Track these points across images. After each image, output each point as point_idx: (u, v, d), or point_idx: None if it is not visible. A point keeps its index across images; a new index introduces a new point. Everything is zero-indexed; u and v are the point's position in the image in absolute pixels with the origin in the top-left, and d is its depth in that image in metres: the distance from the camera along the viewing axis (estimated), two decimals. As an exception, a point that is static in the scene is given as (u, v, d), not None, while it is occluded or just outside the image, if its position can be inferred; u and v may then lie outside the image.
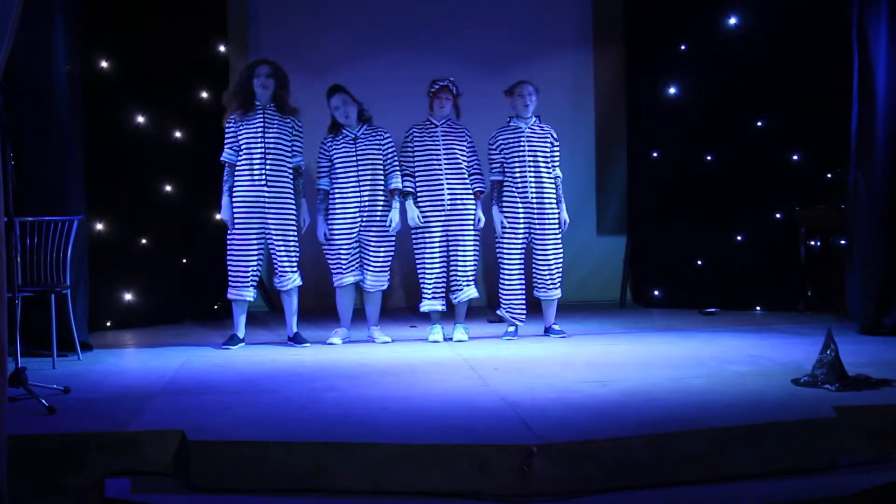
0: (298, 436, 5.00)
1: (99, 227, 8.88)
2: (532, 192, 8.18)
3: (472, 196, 8.27)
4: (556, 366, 6.87)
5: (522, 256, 8.31)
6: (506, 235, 8.23)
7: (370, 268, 8.15)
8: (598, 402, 5.60)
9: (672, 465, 4.85)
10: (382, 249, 8.15)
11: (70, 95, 7.82)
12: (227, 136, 8.00)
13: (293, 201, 7.99)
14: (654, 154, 10.36)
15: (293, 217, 7.99)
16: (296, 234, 8.02)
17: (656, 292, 10.40)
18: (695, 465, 4.88)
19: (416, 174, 8.24)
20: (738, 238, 9.95)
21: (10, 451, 4.40)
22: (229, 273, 7.95)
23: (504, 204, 8.23)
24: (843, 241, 8.95)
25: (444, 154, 8.22)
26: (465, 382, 6.34)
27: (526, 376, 6.46)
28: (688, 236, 10.08)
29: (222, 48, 9.98)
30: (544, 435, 4.90)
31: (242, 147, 7.89)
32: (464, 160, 8.27)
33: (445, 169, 8.21)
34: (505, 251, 8.27)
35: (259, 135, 7.88)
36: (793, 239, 9.56)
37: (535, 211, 8.21)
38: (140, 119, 9.28)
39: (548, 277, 8.27)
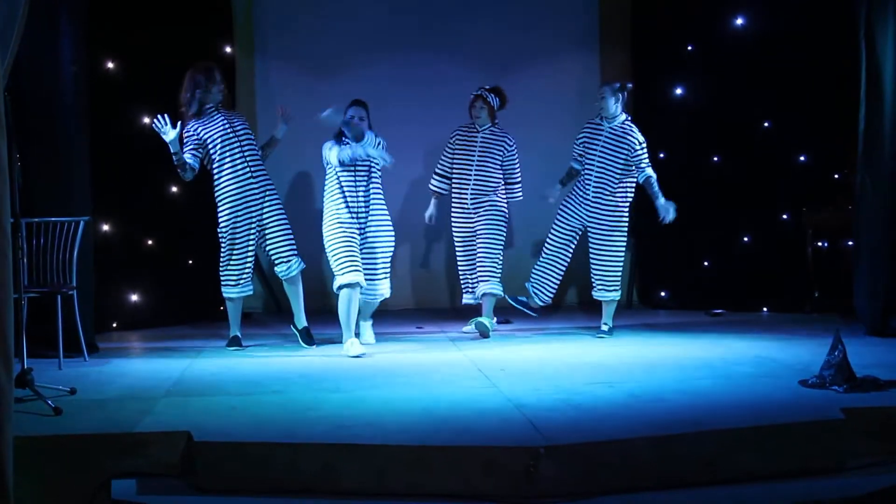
0: (305, 437, 5.00)
1: (105, 228, 8.89)
2: (592, 192, 8.24)
3: (498, 200, 8.44)
4: (562, 367, 6.87)
5: (567, 246, 8.40)
6: (559, 222, 8.38)
7: (373, 275, 8.00)
8: (604, 404, 5.60)
9: (679, 467, 4.84)
10: (380, 257, 8.00)
11: (76, 97, 7.83)
12: (188, 140, 7.93)
13: (276, 189, 8.06)
14: (661, 155, 10.31)
15: (282, 204, 8.04)
16: (287, 219, 8.01)
17: (663, 293, 10.38)
18: (702, 467, 4.87)
19: (453, 175, 8.54)
20: (745, 239, 9.93)
21: (15, 452, 4.39)
22: (229, 272, 7.92)
23: (570, 194, 8.39)
24: (850, 243, 8.93)
25: (478, 159, 8.43)
26: (472, 383, 6.33)
27: (533, 377, 6.46)
28: (694, 238, 10.06)
29: (228, 49, 9.98)
30: (551, 436, 4.89)
31: (219, 149, 7.87)
32: (497, 167, 8.45)
33: (475, 173, 8.41)
34: (553, 236, 8.42)
35: (230, 133, 7.89)
36: (800, 240, 9.54)
37: (592, 209, 8.25)
38: (146, 120, 9.26)
39: (599, 278, 8.35)
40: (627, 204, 8.31)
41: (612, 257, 8.29)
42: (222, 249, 7.94)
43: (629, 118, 8.33)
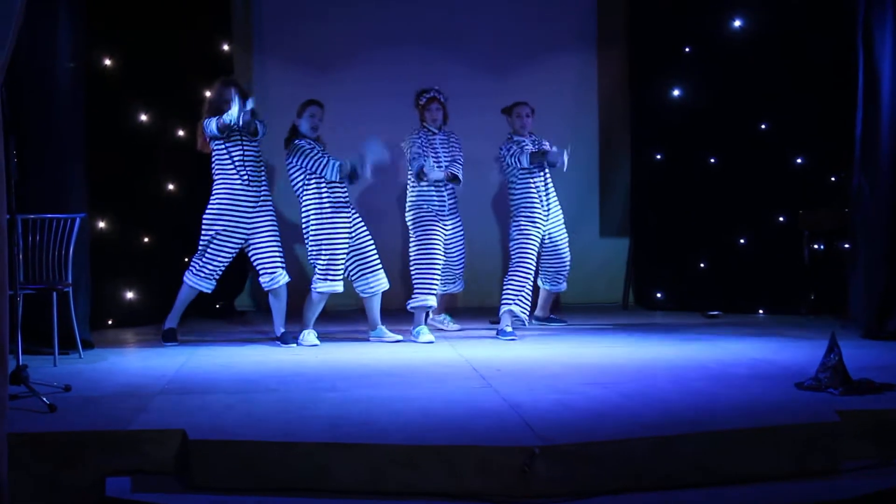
0: (299, 436, 5.00)
1: (101, 224, 8.88)
2: (545, 202, 8.60)
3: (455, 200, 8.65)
4: (558, 367, 6.87)
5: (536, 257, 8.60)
6: (530, 237, 8.50)
7: (373, 268, 8.18)
8: (599, 404, 5.59)
9: (674, 468, 4.84)
10: (375, 248, 8.23)
11: (73, 93, 7.82)
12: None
13: (272, 201, 8.12)
14: (658, 156, 10.34)
15: (275, 214, 8.12)
16: (278, 230, 8.10)
17: (659, 294, 10.38)
18: (697, 468, 4.87)
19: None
20: (742, 241, 9.93)
21: (10, 449, 4.39)
22: (202, 264, 7.99)
23: (528, 208, 8.55)
24: (846, 245, 8.93)
25: (445, 162, 8.43)
26: (467, 383, 6.33)
27: (528, 377, 6.46)
28: (691, 239, 10.07)
29: (226, 46, 9.98)
30: (546, 436, 4.89)
31: (226, 144, 7.94)
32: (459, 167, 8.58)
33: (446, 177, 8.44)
34: (528, 250, 8.48)
35: (237, 141, 7.93)
36: (796, 242, 9.54)
37: (551, 213, 8.64)
38: (143, 117, 9.28)
39: (563, 271, 8.82)
40: None
41: (569, 251, 8.85)
42: (201, 241, 7.98)
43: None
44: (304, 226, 8.11)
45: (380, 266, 8.23)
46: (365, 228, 8.20)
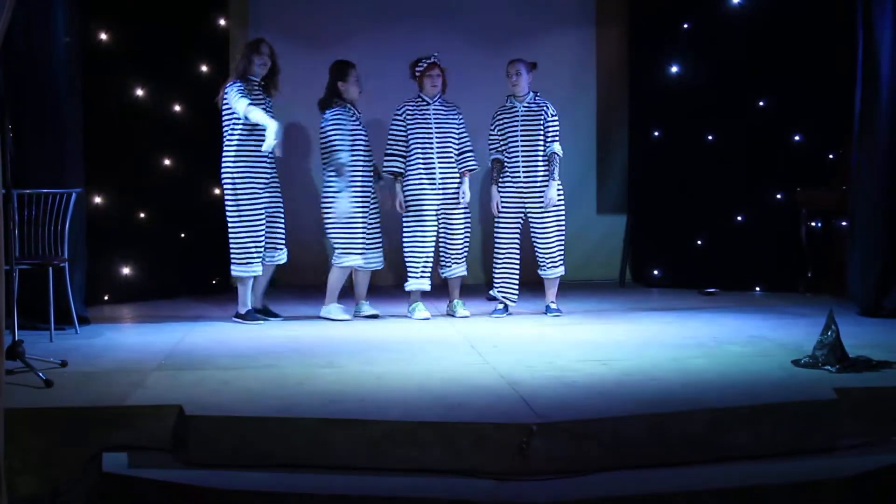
0: (296, 412, 5.00)
1: (97, 200, 8.85)
2: (522, 172, 8.21)
3: (459, 176, 8.33)
4: (556, 344, 6.86)
5: (517, 236, 8.35)
6: (501, 215, 8.29)
7: (372, 248, 8.23)
8: (597, 382, 5.59)
9: (671, 445, 4.85)
10: (379, 229, 8.31)
11: (69, 68, 7.79)
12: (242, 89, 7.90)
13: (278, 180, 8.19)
14: (656, 133, 10.31)
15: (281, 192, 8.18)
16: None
17: (656, 272, 10.37)
18: (694, 446, 4.88)
19: (409, 152, 8.25)
20: (739, 218, 9.91)
21: (6, 425, 4.38)
22: (242, 249, 7.91)
23: (502, 183, 8.28)
24: (844, 223, 8.92)
25: (437, 133, 8.25)
26: (465, 360, 6.33)
27: (526, 355, 6.45)
28: (688, 216, 10.04)
29: (222, 21, 9.92)
30: (544, 413, 4.89)
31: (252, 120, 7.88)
32: (455, 139, 8.31)
33: (437, 148, 8.24)
34: (499, 230, 8.34)
35: (268, 112, 7.88)
36: (794, 220, 9.53)
37: (526, 190, 8.24)
38: (139, 92, 9.23)
39: (546, 256, 8.30)
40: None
41: (556, 233, 8.31)
42: (237, 222, 7.93)
43: (538, 93, 8.34)
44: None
45: (378, 247, 8.26)
46: (377, 208, 8.26)
